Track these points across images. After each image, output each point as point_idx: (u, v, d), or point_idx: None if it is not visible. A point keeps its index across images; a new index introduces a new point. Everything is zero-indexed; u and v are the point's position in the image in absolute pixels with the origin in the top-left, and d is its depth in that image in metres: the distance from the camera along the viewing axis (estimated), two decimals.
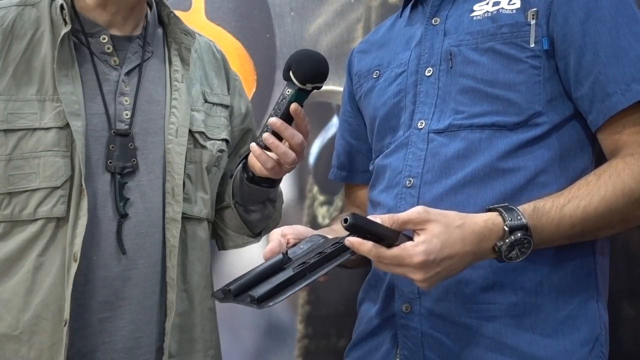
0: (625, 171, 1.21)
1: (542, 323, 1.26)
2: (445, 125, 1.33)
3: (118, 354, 1.42)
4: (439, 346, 1.29)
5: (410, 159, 1.35)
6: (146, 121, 1.47)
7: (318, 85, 1.38)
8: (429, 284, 1.16)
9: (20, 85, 1.40)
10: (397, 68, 1.44)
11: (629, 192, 1.21)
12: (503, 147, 1.28)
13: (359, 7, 2.08)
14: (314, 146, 2.08)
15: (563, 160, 1.28)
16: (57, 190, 1.38)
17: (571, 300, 1.28)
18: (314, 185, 2.08)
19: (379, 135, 1.45)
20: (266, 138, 1.36)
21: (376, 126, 1.46)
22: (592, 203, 1.20)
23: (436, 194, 1.29)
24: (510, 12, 1.31)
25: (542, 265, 1.27)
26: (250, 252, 1.76)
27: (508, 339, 1.26)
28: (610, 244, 1.39)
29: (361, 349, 1.42)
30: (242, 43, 2.12)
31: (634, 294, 1.80)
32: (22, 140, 1.39)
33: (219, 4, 2.15)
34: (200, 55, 1.61)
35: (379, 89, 1.46)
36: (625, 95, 1.23)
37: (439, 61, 1.36)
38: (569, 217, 1.20)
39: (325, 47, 2.07)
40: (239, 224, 1.60)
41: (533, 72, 1.29)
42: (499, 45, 1.30)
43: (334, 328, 2.05)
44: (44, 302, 1.37)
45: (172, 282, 1.44)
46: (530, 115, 1.28)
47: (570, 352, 1.26)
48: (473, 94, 1.31)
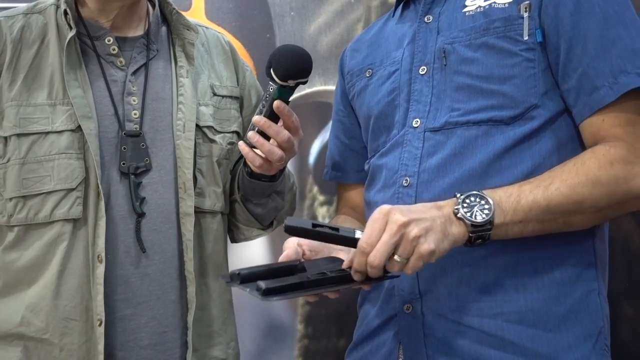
0: (592, 160, 1.21)
1: (545, 318, 1.25)
2: (441, 124, 1.32)
3: (145, 350, 1.43)
4: (441, 345, 1.29)
5: (406, 158, 1.34)
6: (154, 119, 1.48)
7: (301, 80, 1.37)
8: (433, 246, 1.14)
9: (31, 91, 1.42)
10: (390, 66, 1.43)
11: (593, 178, 1.20)
12: (500, 144, 1.28)
13: (359, 7, 2.08)
14: (314, 146, 2.08)
15: (560, 154, 1.27)
16: (72, 192, 1.40)
17: (573, 293, 1.27)
18: (314, 185, 2.08)
19: (374, 134, 1.45)
20: (251, 137, 1.37)
21: (371, 125, 1.45)
22: (554, 183, 1.20)
23: (434, 193, 1.28)
24: (502, 6, 1.31)
25: (543, 260, 1.27)
26: (250, 253, 1.76)
27: (511, 336, 1.25)
28: (610, 244, 1.39)
29: (362, 350, 1.42)
30: (242, 43, 2.12)
31: (634, 294, 1.80)
32: (35, 144, 1.41)
33: (219, 4, 2.15)
34: (207, 49, 1.62)
35: (372, 88, 1.46)
36: (612, 89, 1.23)
37: (433, 59, 1.36)
38: (529, 192, 1.20)
39: (325, 47, 2.07)
40: (247, 217, 1.60)
41: (528, 65, 1.28)
42: (492, 40, 1.30)
43: (334, 328, 2.05)
44: (71, 304, 1.39)
45: (190, 276, 1.46)
46: (527, 109, 1.28)
47: (574, 346, 1.25)
48: (468, 91, 1.31)
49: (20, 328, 1.40)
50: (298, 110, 1.38)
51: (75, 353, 1.39)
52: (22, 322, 1.40)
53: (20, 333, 1.40)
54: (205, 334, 1.51)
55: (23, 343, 1.41)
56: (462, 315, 1.28)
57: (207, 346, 1.51)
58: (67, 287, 1.39)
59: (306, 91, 2.10)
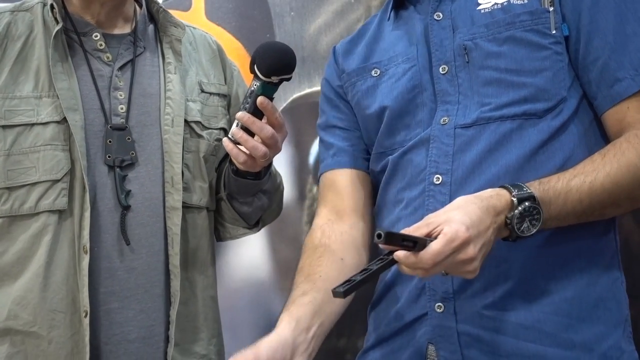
0: (630, 150, 1.24)
1: (577, 307, 1.26)
2: (473, 119, 1.31)
3: (132, 344, 1.44)
4: (477, 343, 1.28)
5: (435, 155, 1.32)
6: (142, 114, 1.50)
7: (285, 77, 1.38)
8: (479, 263, 1.15)
9: (17, 83, 1.44)
10: (403, 64, 1.42)
11: (634, 169, 1.23)
12: (535, 138, 1.28)
13: (359, 7, 2.08)
14: (314, 146, 2.08)
15: (585, 145, 1.30)
16: (58, 183, 1.41)
17: (600, 282, 1.29)
18: (314, 185, 2.08)
19: (389, 132, 1.43)
20: (235, 133, 1.37)
21: (385, 122, 1.43)
22: (598, 178, 1.22)
23: (470, 191, 1.25)
24: (522, 2, 1.32)
25: (571, 252, 1.28)
26: (250, 253, 1.76)
27: (547, 327, 1.25)
28: None
29: (381, 350, 1.40)
30: (242, 43, 2.12)
31: (634, 294, 1.80)
32: (20, 136, 1.41)
33: (219, 4, 2.15)
34: (195, 47, 1.64)
35: (385, 86, 1.43)
36: (635, 80, 1.27)
37: (453, 57, 1.35)
38: (575, 191, 1.22)
39: (325, 47, 2.07)
40: (233, 216, 1.61)
41: (557, 58, 1.30)
42: (519, 33, 1.30)
43: (334, 328, 2.05)
44: (58, 296, 1.40)
45: (175, 270, 1.47)
46: (558, 101, 1.29)
47: (606, 335, 1.26)
48: (498, 85, 1.31)
49: (8, 322, 1.40)
50: (298, 110, 1.39)
51: (64, 346, 1.40)
52: (9, 316, 1.40)
53: (7, 327, 1.40)
54: (187, 329, 1.51)
55: (10, 337, 1.40)
56: (498, 311, 1.27)
57: (189, 341, 1.52)
58: (54, 280, 1.40)
59: (306, 91, 2.10)
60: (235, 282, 2.09)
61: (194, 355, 1.52)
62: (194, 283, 1.53)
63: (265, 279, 2.10)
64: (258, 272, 2.08)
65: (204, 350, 1.54)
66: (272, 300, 2.09)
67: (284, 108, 2.09)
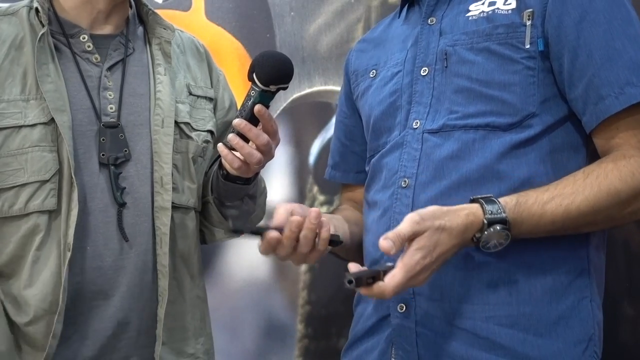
0: (614, 172, 1.23)
1: (536, 323, 1.27)
2: (439, 125, 1.33)
3: (108, 339, 1.45)
4: (433, 346, 1.30)
5: (405, 159, 1.35)
6: (131, 114, 1.51)
7: (282, 86, 1.40)
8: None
9: (4, 87, 1.45)
10: (393, 67, 1.44)
11: (614, 193, 1.22)
12: (496, 149, 1.28)
13: (359, 7, 2.08)
14: (314, 146, 2.08)
15: (556, 162, 1.29)
16: (46, 183, 1.42)
17: (564, 300, 1.28)
18: (314, 185, 2.08)
19: (375, 135, 1.46)
20: (231, 139, 1.39)
21: (371, 125, 1.46)
22: (575, 202, 1.22)
23: (430, 195, 1.30)
24: (505, 13, 1.31)
25: (536, 266, 1.28)
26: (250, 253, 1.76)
27: (502, 339, 1.26)
28: (610, 244, 1.39)
29: (357, 349, 1.43)
30: (242, 43, 2.12)
31: (634, 294, 1.80)
32: (8, 139, 1.42)
33: (219, 4, 2.15)
34: (183, 50, 1.65)
35: (375, 88, 1.46)
36: (618, 99, 1.24)
37: (435, 61, 1.36)
38: (550, 214, 1.22)
39: (325, 47, 2.07)
40: (219, 219, 1.62)
41: (528, 73, 1.29)
42: (494, 46, 1.31)
43: (334, 328, 2.05)
44: (42, 294, 1.41)
45: (163, 270, 1.48)
46: (525, 117, 1.29)
47: (563, 352, 1.26)
48: (467, 94, 1.32)
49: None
50: (298, 110, 1.39)
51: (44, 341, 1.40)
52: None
53: None
54: (175, 327, 1.52)
55: None
56: (455, 317, 1.29)
57: (176, 340, 1.53)
58: (38, 278, 1.41)
59: (306, 91, 2.10)
60: (235, 282, 2.09)
61: (182, 354, 1.53)
62: (181, 282, 1.54)
63: (265, 279, 2.10)
64: (258, 272, 2.08)
65: (192, 350, 1.55)
66: (272, 300, 2.10)
67: (284, 108, 2.09)
